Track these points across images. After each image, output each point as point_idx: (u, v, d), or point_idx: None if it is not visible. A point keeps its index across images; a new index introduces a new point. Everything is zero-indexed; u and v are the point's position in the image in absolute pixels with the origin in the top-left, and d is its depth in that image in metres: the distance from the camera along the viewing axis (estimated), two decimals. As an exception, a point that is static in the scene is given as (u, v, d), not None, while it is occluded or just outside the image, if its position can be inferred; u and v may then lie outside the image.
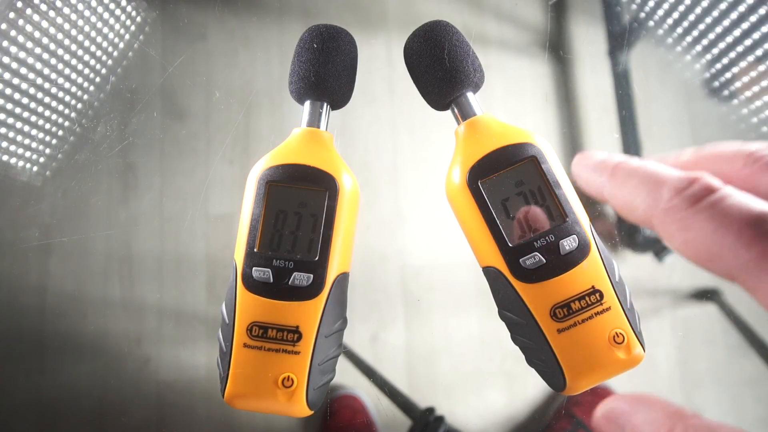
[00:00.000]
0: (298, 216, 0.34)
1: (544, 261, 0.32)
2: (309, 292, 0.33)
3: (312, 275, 0.33)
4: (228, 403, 0.34)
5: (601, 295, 0.32)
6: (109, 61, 0.66)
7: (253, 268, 0.33)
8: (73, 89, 0.64)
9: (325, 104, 0.38)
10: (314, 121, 0.37)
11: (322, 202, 0.34)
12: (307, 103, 0.38)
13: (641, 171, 0.24)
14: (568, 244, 0.32)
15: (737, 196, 0.20)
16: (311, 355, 0.33)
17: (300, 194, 0.34)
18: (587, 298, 0.32)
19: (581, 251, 0.32)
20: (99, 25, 0.66)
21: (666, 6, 0.71)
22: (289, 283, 0.33)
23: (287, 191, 0.34)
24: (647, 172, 0.23)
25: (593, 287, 0.32)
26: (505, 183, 0.34)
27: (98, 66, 0.65)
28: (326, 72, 0.37)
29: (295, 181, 0.34)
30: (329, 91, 0.37)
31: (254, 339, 0.33)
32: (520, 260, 0.32)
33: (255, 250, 0.34)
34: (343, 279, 0.35)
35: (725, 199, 0.20)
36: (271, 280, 0.33)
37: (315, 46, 0.37)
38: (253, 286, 0.33)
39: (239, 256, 0.34)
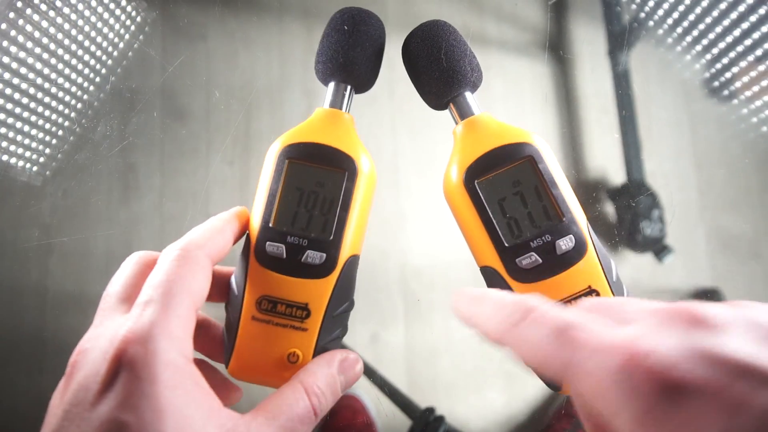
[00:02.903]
0: (315, 195, 0.34)
1: (541, 261, 0.32)
2: (321, 271, 0.33)
3: (325, 254, 0.33)
4: (231, 374, 0.34)
5: (598, 295, 0.32)
6: (109, 61, 0.66)
7: (267, 243, 0.33)
8: (73, 89, 0.64)
9: (349, 87, 0.38)
10: (337, 102, 0.37)
11: (340, 182, 0.34)
12: (332, 85, 0.38)
13: (489, 297, 0.27)
14: (565, 243, 0.32)
15: (551, 311, 0.23)
16: (318, 333, 0.33)
17: (319, 173, 0.34)
18: (584, 298, 0.32)
19: (578, 251, 0.32)
20: (99, 25, 0.66)
21: (666, 6, 0.70)
22: (302, 260, 0.33)
23: (306, 169, 0.34)
24: (493, 299, 0.26)
25: (590, 287, 0.32)
26: (502, 183, 0.34)
27: (98, 66, 0.65)
28: (354, 55, 0.37)
29: (314, 160, 0.34)
30: (356, 74, 0.37)
31: (263, 313, 0.33)
32: (517, 260, 0.32)
33: (270, 225, 0.33)
34: (353, 261, 0.35)
35: (542, 314, 0.23)
36: (284, 256, 0.33)
37: (345, 28, 0.37)
38: (265, 260, 0.33)
39: (252, 229, 0.34)
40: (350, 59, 0.37)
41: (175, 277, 0.28)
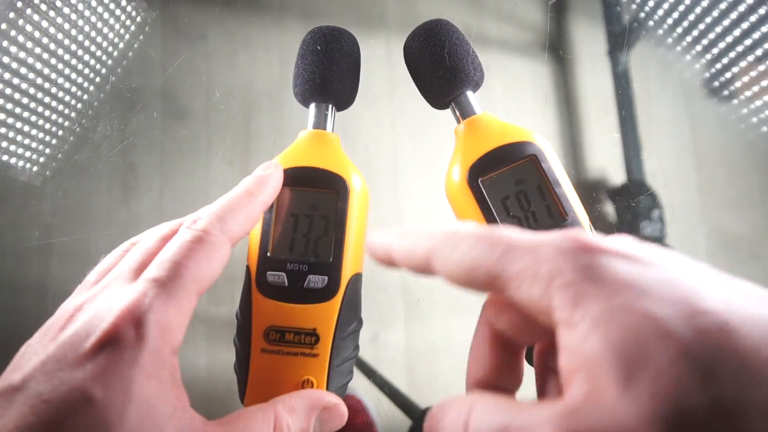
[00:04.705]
0: (309, 218, 0.34)
1: (544, 260, 0.32)
2: (325, 294, 0.33)
3: (327, 277, 0.33)
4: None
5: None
6: (109, 61, 0.66)
7: (267, 273, 0.33)
8: (73, 89, 0.64)
9: (331, 106, 0.38)
10: (320, 123, 0.37)
11: (333, 203, 0.34)
12: (313, 106, 0.38)
13: (409, 232, 0.27)
14: (569, 242, 0.32)
15: (478, 227, 0.24)
16: (329, 357, 0.33)
17: (310, 197, 0.34)
18: None
19: (581, 250, 0.32)
20: (99, 25, 0.66)
21: (666, 6, 0.71)
22: (305, 285, 0.33)
23: (298, 194, 0.34)
24: (415, 230, 0.26)
25: (593, 286, 0.32)
26: (506, 181, 0.34)
27: (98, 66, 0.65)
28: (330, 74, 0.37)
29: (304, 184, 0.34)
30: (334, 92, 0.37)
31: (272, 343, 0.33)
32: (520, 259, 0.32)
33: (268, 254, 0.33)
34: (357, 280, 0.35)
35: (472, 228, 0.24)
36: (286, 284, 0.33)
37: (318, 48, 0.37)
38: (268, 290, 0.33)
39: (252, 260, 0.34)
40: (327, 78, 0.37)
41: (186, 261, 0.27)
